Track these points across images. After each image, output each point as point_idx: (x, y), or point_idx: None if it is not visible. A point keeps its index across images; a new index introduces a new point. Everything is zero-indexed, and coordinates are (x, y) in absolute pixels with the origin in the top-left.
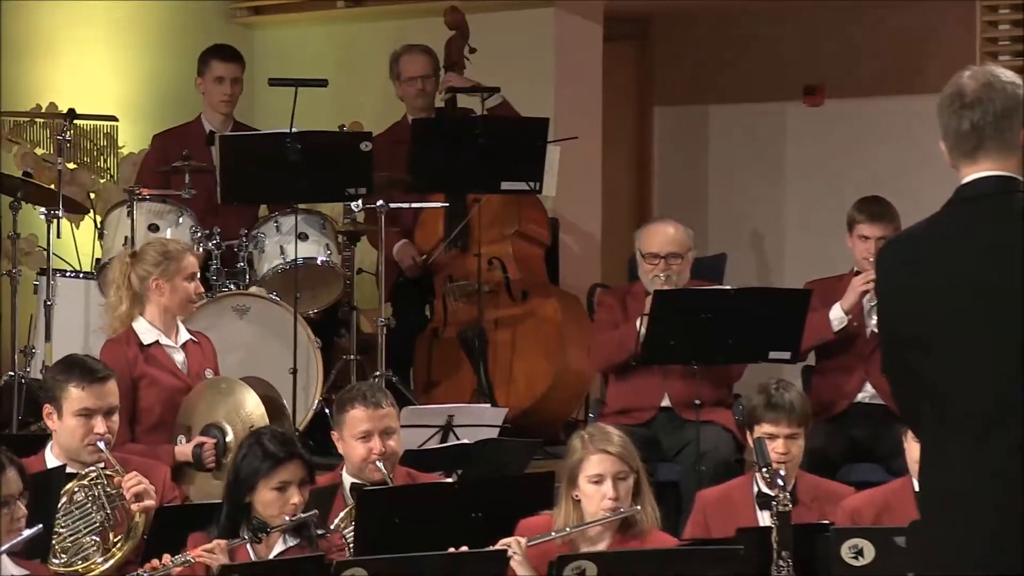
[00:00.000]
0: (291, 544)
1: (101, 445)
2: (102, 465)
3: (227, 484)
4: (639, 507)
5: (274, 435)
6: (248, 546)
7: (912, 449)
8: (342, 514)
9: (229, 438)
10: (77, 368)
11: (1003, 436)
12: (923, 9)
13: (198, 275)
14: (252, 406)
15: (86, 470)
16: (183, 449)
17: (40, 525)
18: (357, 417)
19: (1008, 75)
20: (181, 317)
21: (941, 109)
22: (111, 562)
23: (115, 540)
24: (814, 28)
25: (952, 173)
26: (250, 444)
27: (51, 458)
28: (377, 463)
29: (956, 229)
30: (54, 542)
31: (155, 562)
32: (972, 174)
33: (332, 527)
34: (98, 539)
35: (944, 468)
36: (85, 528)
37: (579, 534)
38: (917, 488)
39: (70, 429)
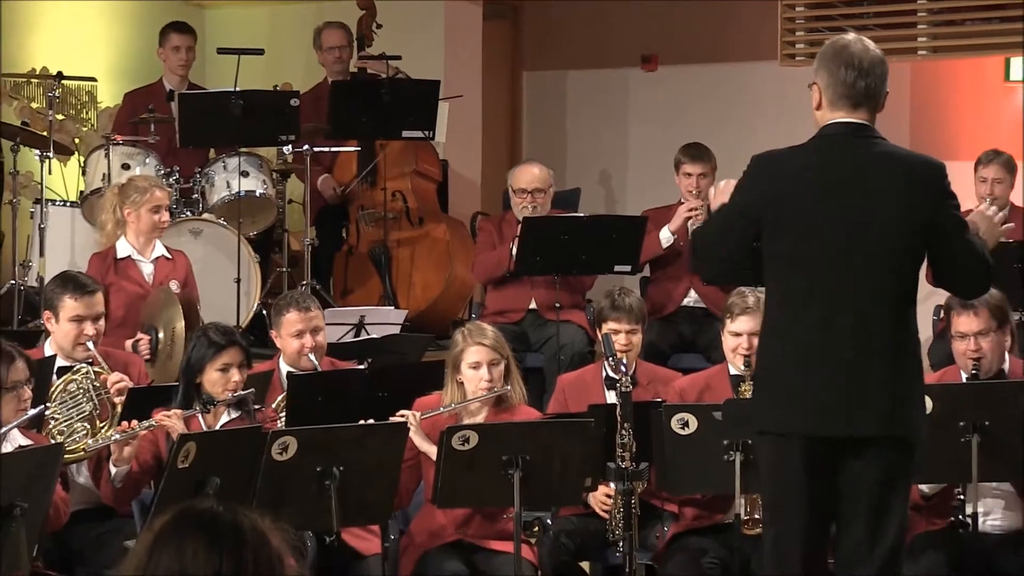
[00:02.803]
0: (233, 416)
1: (90, 345)
2: (90, 361)
3: (181, 368)
4: (509, 387)
5: (217, 328)
6: (199, 417)
7: (727, 340)
8: (279, 398)
9: (161, 335)
10: (71, 282)
11: (840, 303)
12: None
13: (165, 206)
14: (174, 314)
15: (78, 365)
16: (127, 344)
17: (43, 406)
18: (291, 319)
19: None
20: (152, 238)
21: (834, 66)
22: (97, 445)
23: (101, 426)
24: (650, 9)
25: (747, 122)
26: (198, 336)
27: (48, 351)
28: (308, 355)
29: (815, 151)
30: (52, 426)
31: (124, 424)
32: (840, 118)
33: (273, 406)
34: (88, 425)
35: (789, 334)
36: (77, 416)
37: (462, 409)
38: (732, 372)
39: (64, 332)
